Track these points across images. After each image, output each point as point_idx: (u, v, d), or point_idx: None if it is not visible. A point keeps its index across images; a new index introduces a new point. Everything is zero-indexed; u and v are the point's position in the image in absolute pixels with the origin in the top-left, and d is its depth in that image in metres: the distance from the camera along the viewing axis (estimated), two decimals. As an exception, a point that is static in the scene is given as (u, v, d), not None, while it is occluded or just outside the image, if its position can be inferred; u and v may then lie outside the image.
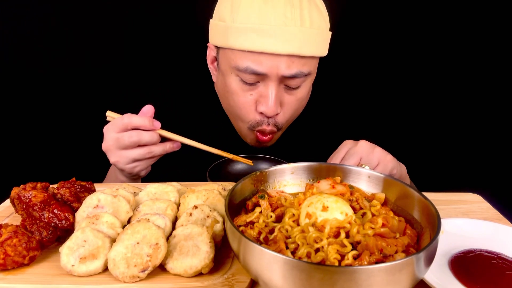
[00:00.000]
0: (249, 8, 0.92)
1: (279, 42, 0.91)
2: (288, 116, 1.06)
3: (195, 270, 0.62)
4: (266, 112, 1.00)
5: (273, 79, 0.96)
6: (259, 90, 1.00)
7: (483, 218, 0.81)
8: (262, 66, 0.94)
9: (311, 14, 0.94)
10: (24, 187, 0.78)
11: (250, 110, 1.03)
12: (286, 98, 1.02)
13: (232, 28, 0.94)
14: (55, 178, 0.88)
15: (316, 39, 0.96)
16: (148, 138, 0.91)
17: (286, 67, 0.94)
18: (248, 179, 0.71)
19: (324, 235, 0.57)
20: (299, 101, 1.05)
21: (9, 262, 0.64)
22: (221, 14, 0.97)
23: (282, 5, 0.91)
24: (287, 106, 1.03)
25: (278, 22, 0.91)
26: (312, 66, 1.01)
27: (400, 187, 0.69)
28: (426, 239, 0.60)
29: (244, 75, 0.97)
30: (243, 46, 0.93)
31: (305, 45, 0.93)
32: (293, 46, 0.92)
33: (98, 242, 0.65)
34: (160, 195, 0.81)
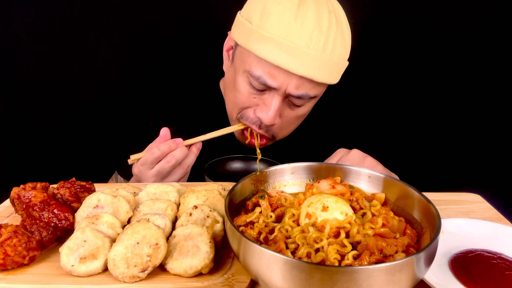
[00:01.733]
0: (278, 19, 0.91)
1: (297, 63, 0.91)
2: (283, 128, 1.07)
3: (195, 270, 0.62)
4: (263, 120, 1.01)
5: (280, 93, 0.97)
6: (263, 97, 1.00)
7: (483, 218, 0.81)
8: (274, 81, 0.95)
9: (335, 42, 0.93)
10: (24, 187, 0.78)
11: (249, 108, 1.04)
12: (287, 112, 1.03)
13: (256, 33, 0.93)
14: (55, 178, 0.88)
15: (333, 67, 0.96)
16: (181, 154, 0.97)
17: (295, 87, 0.95)
18: (248, 179, 0.71)
19: (324, 235, 0.57)
20: (298, 118, 1.07)
21: (9, 262, 0.64)
22: (250, 14, 0.96)
23: (310, 27, 0.91)
24: (286, 119, 1.05)
25: (302, 43, 0.90)
26: (320, 91, 1.02)
27: (400, 187, 0.69)
28: (426, 239, 0.60)
29: (255, 81, 0.97)
30: (262, 54, 0.93)
31: (320, 71, 0.94)
32: (308, 69, 0.92)
33: (98, 242, 0.65)
34: (160, 195, 0.81)
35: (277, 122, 1.03)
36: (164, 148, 0.95)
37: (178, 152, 0.96)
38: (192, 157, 1.00)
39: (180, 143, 0.98)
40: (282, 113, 1.03)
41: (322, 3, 0.93)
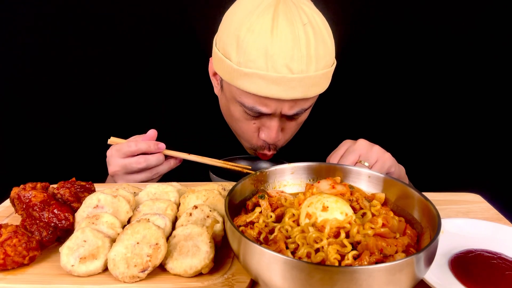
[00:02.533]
0: (256, 51, 0.89)
1: (285, 90, 0.91)
2: (288, 137, 1.09)
3: (195, 270, 0.62)
4: (267, 141, 1.03)
5: (276, 115, 0.99)
6: (262, 121, 1.02)
7: (483, 218, 0.81)
8: (267, 108, 0.96)
9: (317, 55, 0.92)
10: (24, 187, 0.78)
11: (252, 135, 1.06)
12: (287, 125, 1.04)
13: (238, 71, 0.92)
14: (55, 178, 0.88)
15: (322, 80, 0.95)
16: (155, 161, 0.97)
17: (290, 108, 0.96)
18: (248, 179, 0.71)
19: (324, 235, 0.57)
20: (299, 125, 1.09)
21: (9, 262, 0.64)
22: (226, 49, 0.94)
23: (289, 50, 0.89)
24: (288, 131, 1.06)
25: (285, 70, 0.89)
26: (314, 100, 1.02)
27: (400, 187, 0.69)
28: (426, 239, 0.60)
29: (248, 111, 0.98)
30: (250, 90, 0.93)
31: (310, 89, 0.94)
32: (298, 92, 0.92)
33: (98, 242, 0.65)
34: (160, 195, 0.81)
35: (280, 138, 1.05)
36: (141, 146, 0.96)
37: (153, 158, 0.97)
38: (166, 167, 1.00)
39: (162, 148, 0.98)
40: (283, 128, 1.04)
41: (294, 16, 0.91)
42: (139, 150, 0.95)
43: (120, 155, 0.96)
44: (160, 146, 0.98)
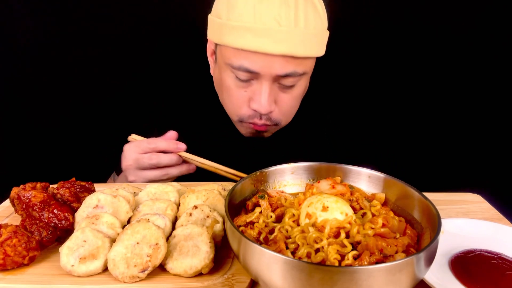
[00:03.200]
0: (244, 6, 0.92)
1: (272, 43, 0.91)
2: (283, 112, 1.05)
3: (195, 270, 0.62)
4: (258, 110, 1.00)
5: (267, 78, 0.96)
6: (252, 88, 1.00)
7: (483, 218, 0.81)
8: (255, 65, 0.94)
9: (306, 14, 0.93)
10: (24, 187, 0.78)
11: (243, 105, 1.03)
12: (281, 96, 1.02)
13: (227, 26, 0.94)
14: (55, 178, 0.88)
15: (311, 40, 0.95)
16: (167, 160, 0.96)
17: (280, 67, 0.94)
18: (248, 179, 0.71)
19: (324, 235, 0.57)
20: (295, 99, 1.06)
21: (9, 262, 0.64)
22: (218, 10, 0.98)
23: (277, 5, 0.91)
24: (282, 103, 1.03)
25: (272, 22, 0.90)
26: (308, 66, 1.01)
27: (400, 187, 0.69)
28: (426, 239, 0.60)
29: (238, 72, 0.97)
30: (237, 44, 0.93)
31: (299, 46, 0.93)
32: (286, 47, 0.92)
33: (98, 242, 0.65)
34: (160, 195, 0.81)
35: (273, 109, 1.02)
36: (160, 144, 0.96)
37: (165, 157, 0.96)
38: (177, 171, 0.99)
39: (181, 149, 0.98)
40: (277, 99, 1.02)
41: None
42: (157, 148, 0.96)
43: (136, 150, 0.96)
44: (180, 146, 0.98)
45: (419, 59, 1.65)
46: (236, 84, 1.00)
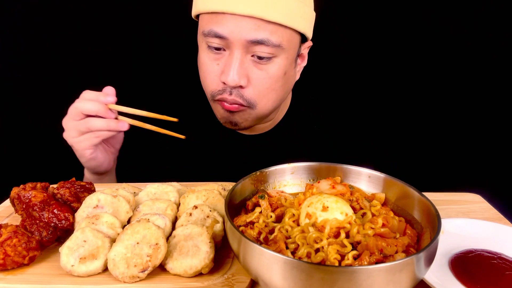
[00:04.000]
0: None
1: (241, 3, 0.87)
2: (258, 92, 0.97)
3: (195, 270, 0.62)
4: (227, 82, 0.94)
5: (238, 46, 0.91)
6: (224, 59, 0.95)
7: (483, 218, 0.81)
8: (223, 28, 0.90)
9: None
10: (24, 187, 0.78)
11: (214, 79, 0.98)
12: (255, 73, 0.95)
13: None
14: (55, 178, 0.88)
15: (287, 7, 0.90)
16: (93, 107, 0.90)
17: (249, 31, 0.89)
18: (248, 179, 0.71)
19: (324, 235, 0.57)
20: (272, 80, 0.97)
21: (9, 262, 0.64)
22: None
23: None
24: (257, 81, 0.96)
25: None
26: (285, 40, 0.93)
27: (400, 187, 0.69)
28: (426, 239, 0.60)
29: (209, 39, 0.93)
30: (207, 8, 0.91)
31: (271, 9, 0.88)
32: (255, 8, 0.87)
33: (98, 242, 0.65)
34: (160, 195, 0.81)
35: (244, 83, 0.95)
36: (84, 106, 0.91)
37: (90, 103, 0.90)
38: (100, 123, 0.91)
39: (109, 101, 0.91)
40: (250, 75, 0.95)
41: None
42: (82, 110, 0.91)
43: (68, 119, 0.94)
44: (109, 98, 0.91)
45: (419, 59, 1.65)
46: (209, 56, 0.97)
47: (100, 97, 0.91)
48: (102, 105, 0.90)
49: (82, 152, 0.95)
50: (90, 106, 0.90)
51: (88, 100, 0.90)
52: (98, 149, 0.97)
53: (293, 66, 1.03)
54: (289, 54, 0.97)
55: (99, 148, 0.98)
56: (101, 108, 0.90)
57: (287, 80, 1.02)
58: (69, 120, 0.93)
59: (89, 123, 0.90)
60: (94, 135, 0.92)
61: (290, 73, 1.02)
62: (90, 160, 0.97)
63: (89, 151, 0.95)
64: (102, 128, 0.91)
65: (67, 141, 0.95)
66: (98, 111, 0.90)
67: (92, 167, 1.00)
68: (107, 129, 0.91)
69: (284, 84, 1.02)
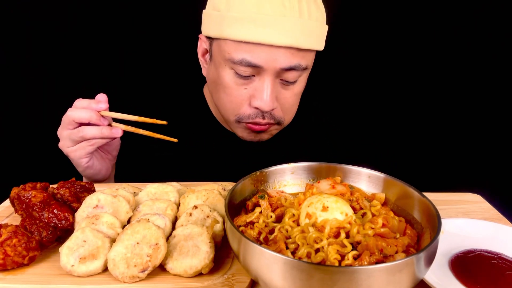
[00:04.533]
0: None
1: (277, 33, 0.88)
2: (285, 110, 1.02)
3: (195, 270, 0.62)
4: (261, 107, 0.96)
5: (270, 73, 0.93)
6: (254, 84, 0.96)
7: (483, 218, 0.81)
8: (258, 58, 0.91)
9: (309, 5, 0.91)
10: (24, 187, 0.78)
11: (242, 104, 0.99)
12: (283, 93, 0.99)
13: (227, 18, 0.90)
14: (55, 178, 0.88)
15: (315, 31, 0.93)
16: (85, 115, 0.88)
17: (285, 60, 0.91)
18: (248, 179, 0.71)
19: (324, 235, 0.57)
20: (296, 96, 1.03)
21: (9, 262, 0.64)
22: (216, 3, 0.94)
23: None
24: (284, 101, 1.00)
25: (276, 12, 0.87)
26: (310, 60, 0.99)
27: (400, 187, 0.69)
28: (426, 239, 0.60)
29: (239, 67, 0.93)
30: (239, 37, 0.89)
31: (304, 37, 0.90)
32: (291, 38, 0.89)
33: (98, 242, 0.65)
34: (160, 195, 0.81)
35: (276, 106, 0.98)
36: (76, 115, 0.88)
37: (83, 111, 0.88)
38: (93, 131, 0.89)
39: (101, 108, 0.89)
40: (278, 96, 0.98)
41: None
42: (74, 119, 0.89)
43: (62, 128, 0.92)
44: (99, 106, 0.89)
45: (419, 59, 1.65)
46: (236, 81, 0.96)
47: (92, 104, 0.89)
48: (94, 112, 0.88)
49: (78, 161, 0.94)
50: (82, 114, 0.88)
51: (80, 108, 0.89)
52: (94, 157, 0.97)
53: None
54: (310, 69, 1.02)
55: (96, 156, 0.97)
56: (93, 115, 0.88)
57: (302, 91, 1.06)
58: (63, 129, 0.92)
59: (82, 132, 0.89)
60: (88, 144, 0.91)
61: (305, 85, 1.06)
62: (86, 168, 0.96)
63: (85, 159, 0.94)
64: (96, 136, 0.90)
65: (63, 150, 0.95)
66: (90, 119, 0.88)
67: (89, 175, 0.99)
68: (101, 136, 0.90)
69: (300, 96, 1.06)
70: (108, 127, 0.91)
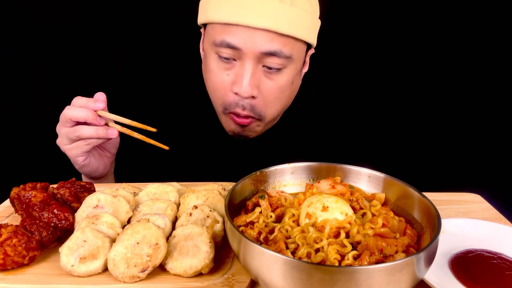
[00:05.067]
0: None
1: (254, 15, 0.89)
2: (267, 102, 1.00)
3: (195, 270, 0.62)
4: (240, 92, 0.95)
5: (250, 57, 0.93)
6: (235, 69, 0.96)
7: (483, 218, 0.81)
8: (237, 39, 0.91)
9: None
10: (24, 187, 0.78)
11: (225, 90, 0.99)
12: (266, 83, 0.97)
13: (212, 2, 0.94)
14: (55, 178, 0.88)
15: (299, 20, 0.93)
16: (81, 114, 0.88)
17: (263, 43, 0.91)
18: (248, 179, 0.71)
19: (324, 235, 0.57)
20: (281, 90, 1.00)
21: (9, 262, 0.64)
22: None
23: None
24: (266, 92, 0.98)
25: None
26: (295, 50, 0.96)
27: (400, 187, 0.69)
28: (426, 239, 0.60)
29: (221, 49, 0.94)
30: (220, 18, 0.92)
31: (285, 22, 0.90)
32: (269, 21, 0.89)
33: (98, 242, 0.65)
34: (160, 195, 0.81)
35: (256, 94, 0.96)
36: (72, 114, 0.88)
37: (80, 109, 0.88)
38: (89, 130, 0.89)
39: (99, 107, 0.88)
40: (260, 86, 0.97)
41: None
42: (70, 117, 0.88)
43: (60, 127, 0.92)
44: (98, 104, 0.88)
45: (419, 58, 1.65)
46: (219, 65, 0.97)
47: (90, 103, 0.89)
48: (90, 111, 0.88)
49: (74, 159, 0.95)
50: (78, 113, 0.88)
51: (77, 107, 0.89)
52: (92, 155, 0.97)
53: (299, 75, 1.05)
54: (297, 64, 1.00)
55: (93, 154, 0.98)
56: (89, 115, 0.88)
57: (293, 89, 1.05)
58: (61, 127, 0.92)
59: (78, 132, 0.89)
60: (84, 143, 0.91)
61: (297, 82, 1.05)
62: (83, 166, 0.97)
63: (81, 158, 0.95)
64: (92, 135, 0.90)
65: (60, 148, 0.95)
66: (86, 118, 0.88)
67: (86, 172, 1.00)
68: (97, 136, 0.90)
69: (290, 93, 1.04)
70: (105, 127, 0.91)
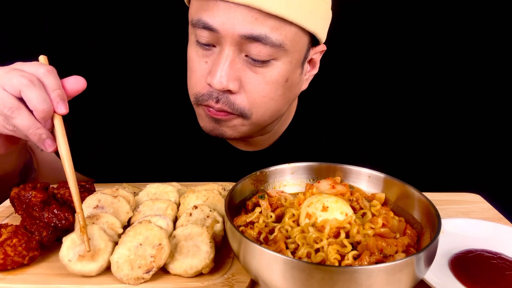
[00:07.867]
0: None
1: None
2: (252, 100, 0.83)
3: (195, 270, 0.62)
4: (212, 84, 0.79)
5: (228, 42, 0.77)
6: (213, 57, 0.81)
7: (483, 218, 0.81)
8: (214, 18, 0.76)
9: None
10: (24, 187, 0.78)
11: (199, 80, 0.84)
12: (249, 77, 0.81)
13: None
14: (55, 178, 0.88)
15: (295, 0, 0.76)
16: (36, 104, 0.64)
17: (244, 23, 0.75)
18: (248, 179, 0.71)
19: (324, 235, 0.57)
20: (270, 87, 0.83)
21: (9, 262, 0.64)
22: None
23: None
24: (251, 87, 0.82)
25: None
26: (288, 39, 0.78)
27: (400, 187, 0.69)
28: (426, 239, 0.60)
29: (198, 32, 0.79)
30: None
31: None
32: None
33: (101, 244, 0.64)
34: (160, 195, 0.81)
35: (233, 88, 0.80)
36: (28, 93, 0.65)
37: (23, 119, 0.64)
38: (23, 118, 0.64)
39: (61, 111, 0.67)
40: (243, 79, 0.81)
41: None
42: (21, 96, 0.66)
43: None
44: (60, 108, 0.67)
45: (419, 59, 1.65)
46: (197, 52, 0.83)
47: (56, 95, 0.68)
48: (49, 107, 0.65)
49: None
50: (34, 100, 0.64)
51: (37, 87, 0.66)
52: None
53: (299, 73, 0.88)
54: (293, 57, 0.82)
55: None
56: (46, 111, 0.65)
57: (289, 88, 0.87)
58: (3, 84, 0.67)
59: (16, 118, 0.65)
60: (9, 127, 0.67)
61: (294, 81, 0.87)
62: None
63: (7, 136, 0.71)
64: (25, 130, 0.65)
65: None
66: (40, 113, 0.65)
67: None
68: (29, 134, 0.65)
69: (285, 93, 0.87)
70: (46, 132, 0.66)
